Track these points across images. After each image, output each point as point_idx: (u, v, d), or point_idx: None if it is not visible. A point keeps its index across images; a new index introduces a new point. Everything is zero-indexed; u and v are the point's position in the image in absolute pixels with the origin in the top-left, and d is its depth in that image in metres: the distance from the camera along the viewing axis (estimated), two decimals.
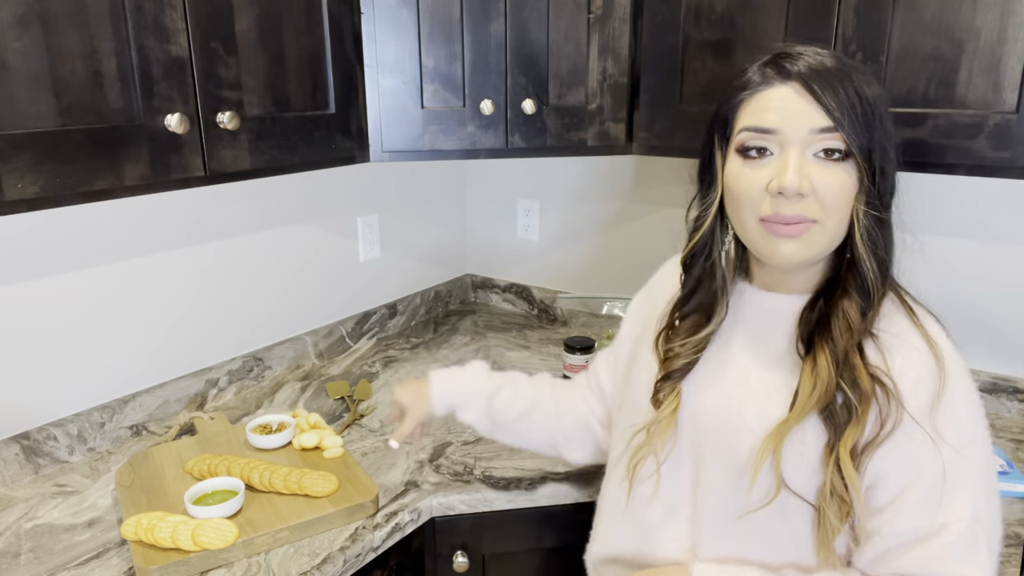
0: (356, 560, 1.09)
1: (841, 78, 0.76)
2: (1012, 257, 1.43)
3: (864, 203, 0.78)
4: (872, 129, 0.77)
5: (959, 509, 0.75)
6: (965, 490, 0.75)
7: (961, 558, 0.75)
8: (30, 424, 1.28)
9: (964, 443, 0.75)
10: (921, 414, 0.75)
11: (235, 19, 1.10)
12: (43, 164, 0.91)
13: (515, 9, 1.33)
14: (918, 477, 0.76)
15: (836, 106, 0.75)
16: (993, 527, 0.76)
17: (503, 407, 1.11)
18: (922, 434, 0.75)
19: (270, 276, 1.65)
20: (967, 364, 0.80)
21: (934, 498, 0.75)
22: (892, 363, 0.76)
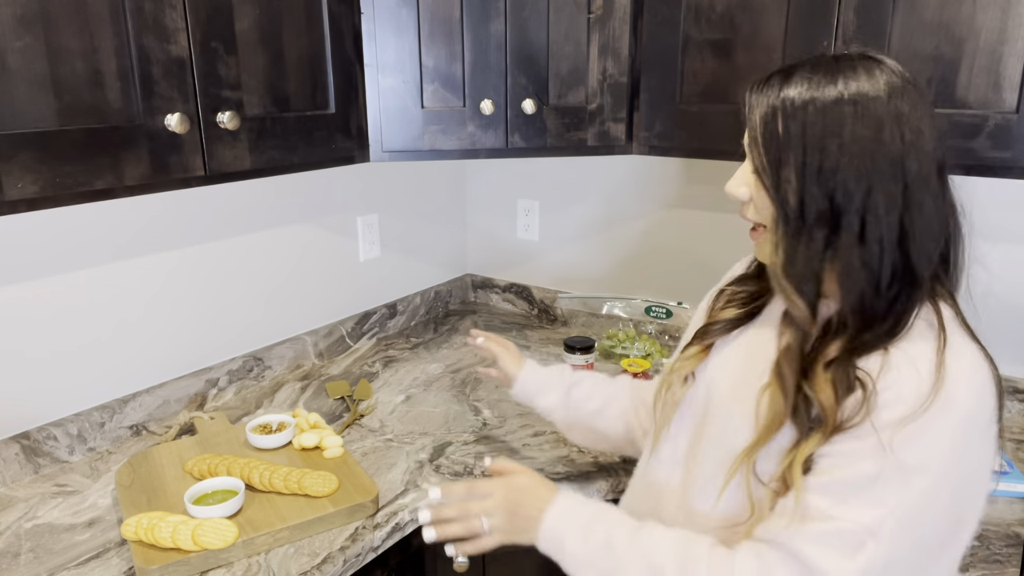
0: (356, 560, 1.09)
1: (791, 104, 0.76)
2: (1011, 257, 1.43)
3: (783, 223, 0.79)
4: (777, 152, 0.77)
5: (859, 513, 0.72)
6: (879, 504, 0.72)
7: (831, 551, 0.72)
8: (30, 424, 1.28)
9: (913, 468, 0.71)
10: (884, 425, 0.72)
11: (235, 19, 1.10)
12: (43, 164, 0.91)
13: (515, 9, 1.33)
14: (847, 467, 0.74)
15: (752, 125, 0.79)
16: (892, 554, 0.72)
17: (582, 397, 1.16)
18: (875, 441, 0.72)
19: (270, 276, 1.65)
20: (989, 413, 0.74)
21: (846, 492, 0.73)
22: (885, 376, 0.74)
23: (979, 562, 1.04)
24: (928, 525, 0.73)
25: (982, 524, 1.11)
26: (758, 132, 0.79)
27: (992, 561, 1.04)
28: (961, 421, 0.72)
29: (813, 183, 0.76)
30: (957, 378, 0.72)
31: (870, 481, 0.72)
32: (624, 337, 1.77)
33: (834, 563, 0.72)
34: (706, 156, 1.43)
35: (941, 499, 0.73)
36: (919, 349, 0.75)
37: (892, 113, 0.75)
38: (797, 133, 0.76)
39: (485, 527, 0.92)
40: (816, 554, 0.73)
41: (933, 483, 0.72)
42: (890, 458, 0.71)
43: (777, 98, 0.78)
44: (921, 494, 0.72)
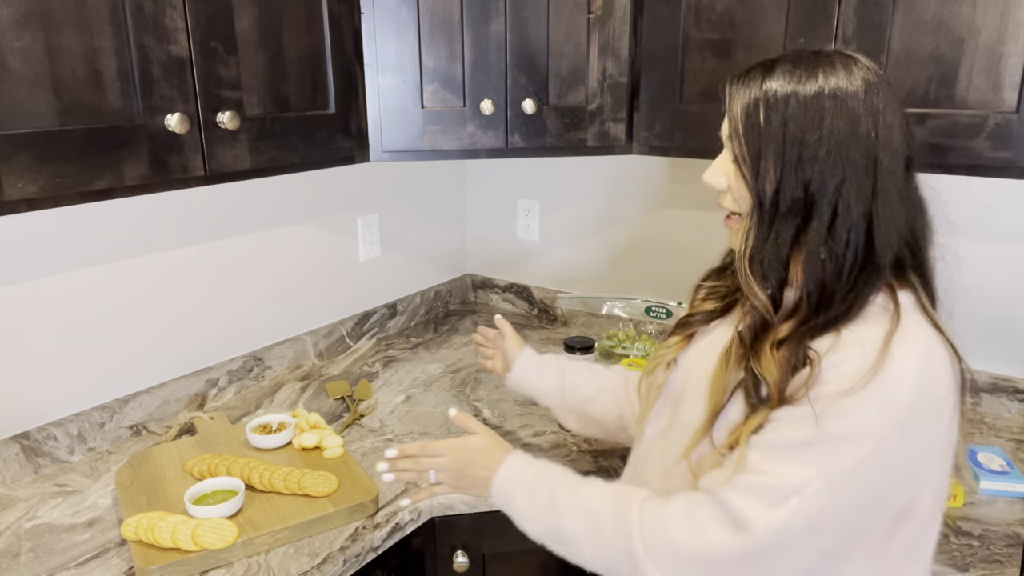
0: (356, 560, 1.09)
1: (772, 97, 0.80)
2: (1010, 257, 1.43)
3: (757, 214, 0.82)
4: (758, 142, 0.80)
5: (787, 471, 0.75)
6: (806, 467, 0.75)
7: (755, 501, 0.76)
8: (30, 424, 1.28)
9: (840, 436, 0.74)
10: (820, 397, 0.76)
11: (235, 19, 1.10)
12: (43, 164, 0.91)
13: (515, 9, 1.33)
14: (782, 430, 0.78)
15: (732, 116, 0.82)
16: (818, 514, 0.75)
17: (576, 383, 1.20)
18: (810, 409, 0.76)
19: (270, 276, 1.65)
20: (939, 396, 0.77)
21: (779, 453, 0.77)
22: (833, 355, 0.77)
23: (979, 562, 1.04)
24: (863, 495, 0.76)
25: (982, 524, 1.11)
26: (739, 123, 0.82)
27: (992, 561, 1.04)
28: (902, 400, 0.74)
29: (791, 173, 0.79)
30: (902, 360, 0.75)
31: (801, 445, 0.76)
32: (624, 337, 1.77)
33: (756, 512, 0.76)
34: (706, 156, 1.41)
35: (878, 472, 0.75)
36: (871, 332, 0.77)
37: (868, 109, 0.79)
38: (779, 124, 0.79)
39: (432, 478, 1.00)
40: (740, 502, 0.77)
41: (866, 455, 0.74)
42: (821, 426, 0.75)
43: (760, 90, 0.81)
44: (853, 463, 0.74)
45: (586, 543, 0.86)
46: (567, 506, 0.88)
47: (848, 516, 0.76)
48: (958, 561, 1.04)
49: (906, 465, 0.77)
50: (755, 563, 0.77)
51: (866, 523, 0.78)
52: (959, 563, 1.03)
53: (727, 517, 0.77)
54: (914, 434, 0.76)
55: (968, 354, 1.51)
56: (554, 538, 0.89)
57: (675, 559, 0.80)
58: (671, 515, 0.82)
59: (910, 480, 0.78)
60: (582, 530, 0.86)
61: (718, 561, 0.78)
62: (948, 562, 1.03)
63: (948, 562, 1.03)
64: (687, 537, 0.79)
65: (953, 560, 1.04)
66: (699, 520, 0.79)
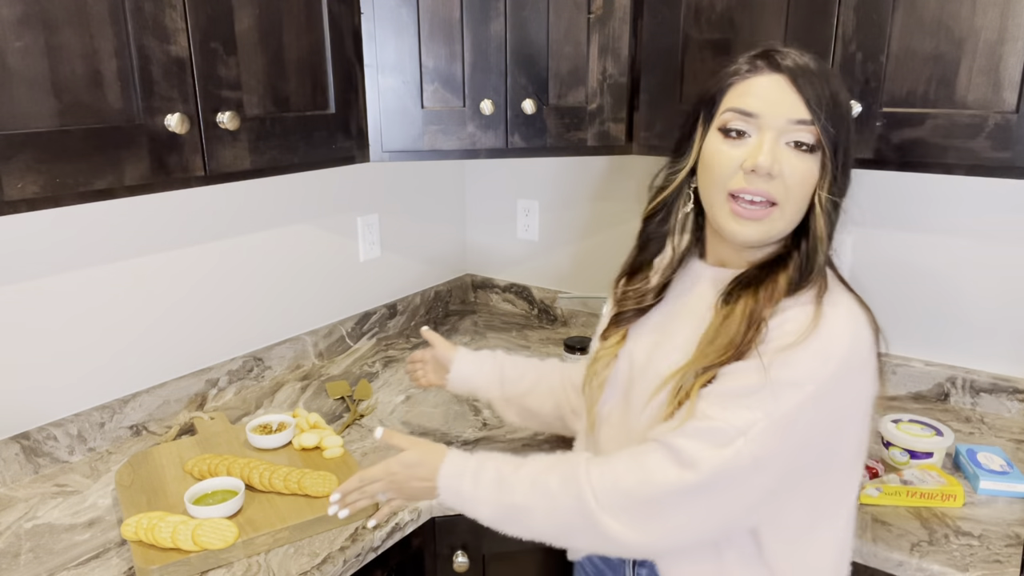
0: (356, 560, 1.09)
1: (822, 79, 0.85)
2: (1010, 257, 1.43)
3: (827, 191, 0.87)
4: (841, 128, 0.86)
5: (733, 416, 0.82)
6: (751, 410, 0.81)
7: (701, 442, 0.82)
8: (30, 424, 1.28)
9: (783, 383, 0.81)
10: (768, 351, 0.83)
11: (235, 19, 1.10)
12: (43, 164, 0.91)
13: (515, 9, 1.33)
14: (730, 380, 0.84)
15: (815, 102, 0.84)
16: (761, 453, 0.81)
17: (514, 377, 1.22)
18: (758, 361, 0.83)
19: (270, 276, 1.65)
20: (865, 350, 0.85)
21: (726, 400, 0.83)
22: (776, 316, 0.85)
23: (979, 562, 1.04)
24: (801, 436, 0.82)
25: (982, 524, 1.12)
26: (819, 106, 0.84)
27: (992, 561, 1.04)
28: (838, 352, 0.82)
29: (853, 148, 0.88)
30: (836, 318, 0.83)
31: (748, 391, 0.82)
32: None
33: (702, 452, 0.82)
34: None
35: (815, 416, 0.82)
36: (807, 296, 0.86)
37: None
38: (845, 108, 0.87)
39: (382, 499, 1.02)
40: (687, 444, 0.83)
41: (805, 399, 0.81)
42: (767, 375, 0.82)
43: (822, 75, 0.86)
44: (793, 407, 0.81)
45: (539, 511, 0.88)
46: (514, 481, 0.90)
47: (788, 456, 0.82)
48: (958, 561, 1.04)
49: (839, 410, 0.84)
50: (703, 498, 0.82)
51: (804, 463, 0.84)
52: (959, 563, 1.03)
53: (674, 458, 0.83)
54: (847, 382, 0.83)
55: (968, 354, 1.52)
56: (507, 515, 0.91)
57: (627, 504, 0.84)
58: (618, 465, 0.86)
59: (841, 424, 0.85)
60: (534, 499, 0.88)
61: (668, 499, 0.83)
62: (948, 562, 1.03)
63: (948, 562, 1.03)
64: (636, 481, 0.84)
65: (953, 560, 1.04)
66: (647, 464, 0.84)
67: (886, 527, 1.11)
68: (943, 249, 1.49)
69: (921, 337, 1.55)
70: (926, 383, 1.54)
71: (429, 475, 0.96)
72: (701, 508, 0.83)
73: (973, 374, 1.49)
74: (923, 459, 1.24)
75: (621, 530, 0.84)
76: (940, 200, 1.48)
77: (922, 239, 1.50)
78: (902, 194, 1.51)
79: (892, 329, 1.57)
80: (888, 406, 1.51)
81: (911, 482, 1.17)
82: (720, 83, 0.90)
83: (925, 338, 1.55)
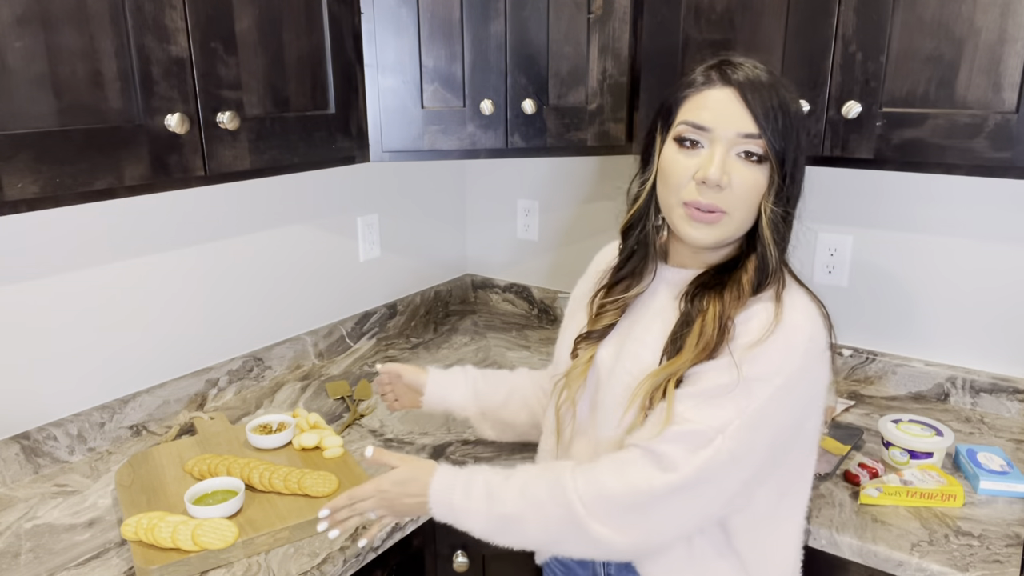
0: (356, 560, 1.09)
1: (771, 92, 0.89)
2: (1010, 257, 1.43)
3: (772, 201, 0.91)
4: (789, 140, 0.89)
5: (710, 416, 0.86)
6: (726, 409, 0.85)
7: (683, 445, 0.85)
8: (30, 424, 1.28)
9: (754, 378, 0.86)
10: (737, 348, 0.88)
11: (235, 19, 1.10)
12: (43, 164, 0.91)
13: (515, 9, 1.33)
14: (703, 380, 0.88)
15: (762, 116, 0.88)
16: (737, 447, 0.85)
17: (488, 391, 1.24)
18: (728, 360, 0.87)
19: (270, 276, 1.65)
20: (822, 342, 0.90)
21: (701, 401, 0.87)
22: (743, 313, 0.90)
23: (979, 562, 1.04)
24: (773, 427, 0.87)
25: (982, 524, 1.12)
26: (766, 119, 0.89)
27: (992, 561, 1.04)
28: (800, 345, 0.87)
29: (802, 158, 0.92)
30: (794, 313, 0.89)
31: (722, 390, 0.86)
32: None
33: (683, 455, 0.85)
34: None
35: (784, 406, 0.87)
36: (768, 295, 0.91)
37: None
38: (795, 119, 0.91)
39: (373, 516, 1.01)
40: (668, 448, 0.86)
41: (775, 392, 0.86)
42: (738, 373, 0.86)
43: (772, 87, 0.89)
44: (765, 400, 0.86)
45: (530, 521, 0.90)
46: (504, 493, 0.92)
47: (762, 447, 0.87)
48: (958, 561, 1.04)
49: (803, 397, 0.89)
50: (686, 498, 0.86)
51: (776, 452, 0.89)
52: (959, 563, 1.03)
53: (657, 463, 0.86)
54: (808, 371, 0.88)
55: (968, 354, 1.52)
56: (498, 527, 0.93)
57: (615, 510, 0.87)
58: (601, 473, 0.89)
59: (805, 411, 0.91)
60: (524, 509, 0.91)
61: (654, 502, 0.86)
62: (948, 562, 1.03)
63: (948, 562, 1.03)
64: (620, 487, 0.87)
65: (953, 560, 1.04)
66: (630, 470, 0.87)
67: (886, 527, 1.11)
68: (943, 249, 1.49)
69: (921, 337, 1.55)
70: (926, 383, 1.54)
71: (420, 491, 0.97)
72: (684, 507, 0.87)
73: (973, 374, 1.49)
74: (923, 459, 1.24)
75: (610, 535, 0.87)
76: (940, 200, 1.48)
77: (922, 239, 1.50)
78: (902, 194, 1.51)
79: (892, 329, 1.57)
80: (888, 406, 1.51)
81: (911, 482, 1.17)
82: (676, 94, 0.94)
83: (925, 338, 1.55)
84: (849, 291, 1.59)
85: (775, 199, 0.91)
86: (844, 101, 1.19)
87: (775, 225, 0.92)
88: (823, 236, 1.59)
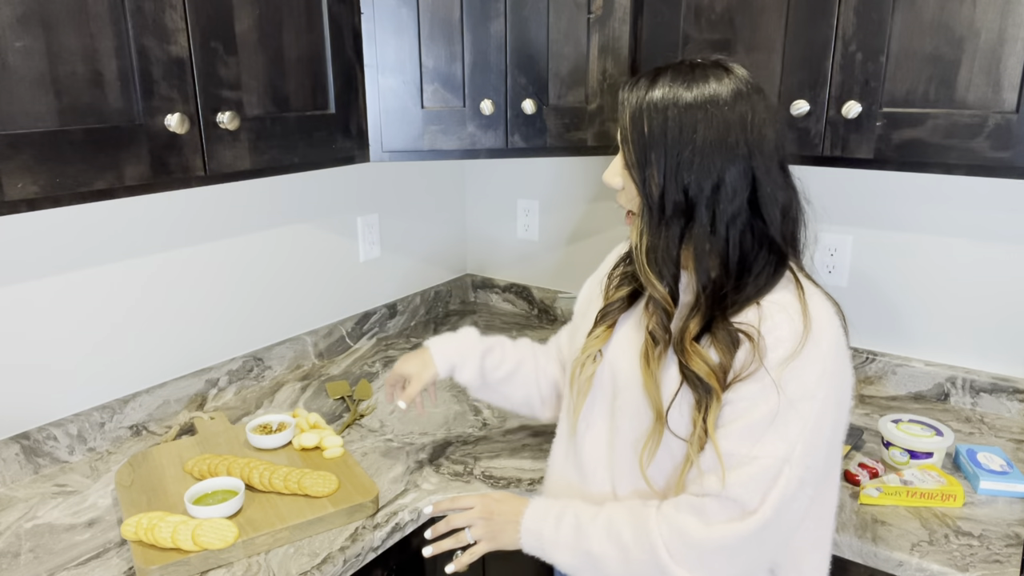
0: (356, 560, 1.09)
1: (653, 107, 0.87)
2: (1010, 257, 1.43)
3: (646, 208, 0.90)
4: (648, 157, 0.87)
5: (772, 448, 0.84)
6: (785, 436, 0.84)
7: (759, 487, 0.84)
8: (30, 424, 1.28)
9: (799, 397, 0.84)
10: (772, 365, 0.84)
11: (235, 19, 1.10)
12: (43, 164, 0.91)
13: (515, 9, 1.33)
14: (750, 411, 0.85)
15: (628, 124, 0.88)
16: (804, 471, 0.85)
17: (493, 366, 1.22)
18: (769, 380, 0.84)
19: (270, 276, 1.65)
20: (845, 341, 0.90)
21: (756, 433, 0.85)
22: (764, 323, 0.86)
23: (979, 562, 1.04)
24: (827, 438, 0.87)
25: (982, 524, 1.12)
26: (628, 130, 0.89)
27: (992, 561, 1.04)
28: (830, 351, 0.86)
29: (672, 179, 0.87)
30: (819, 316, 0.87)
31: (772, 417, 0.84)
32: None
33: (760, 495, 0.84)
34: None
35: (830, 415, 0.86)
36: (784, 297, 0.88)
37: (737, 118, 0.86)
38: (659, 133, 0.87)
39: (470, 538, 1.01)
40: (744, 493, 0.85)
41: (821, 405, 0.85)
42: (781, 396, 0.84)
43: (644, 99, 0.88)
44: (815, 416, 0.85)
45: (614, 561, 0.90)
46: (591, 530, 0.92)
47: (822, 460, 0.87)
48: (958, 561, 1.04)
49: (841, 401, 0.88)
50: (767, 533, 0.85)
51: (830, 461, 0.91)
52: (959, 563, 1.03)
53: (737, 510, 0.85)
54: (841, 375, 0.88)
55: (968, 354, 1.52)
56: (583, 562, 0.93)
57: (699, 555, 0.87)
58: (685, 521, 0.88)
59: (843, 410, 0.90)
60: (609, 549, 0.91)
61: (738, 545, 0.86)
62: (948, 562, 1.03)
63: (948, 562, 1.03)
64: (704, 535, 0.86)
65: (953, 560, 1.04)
66: (712, 519, 0.86)
67: (886, 527, 1.11)
68: (943, 249, 1.49)
69: (921, 337, 1.55)
70: (926, 383, 1.54)
71: (516, 509, 0.99)
72: (768, 542, 0.87)
73: (973, 374, 1.49)
74: (923, 459, 1.24)
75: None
76: (940, 200, 1.47)
77: (922, 239, 1.50)
78: (902, 194, 1.51)
79: (892, 329, 1.57)
80: (888, 406, 1.51)
81: (911, 482, 1.17)
82: None
83: (925, 338, 1.55)
84: (849, 291, 1.59)
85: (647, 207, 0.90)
86: (844, 101, 1.18)
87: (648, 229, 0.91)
88: (823, 236, 1.59)
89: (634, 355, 0.97)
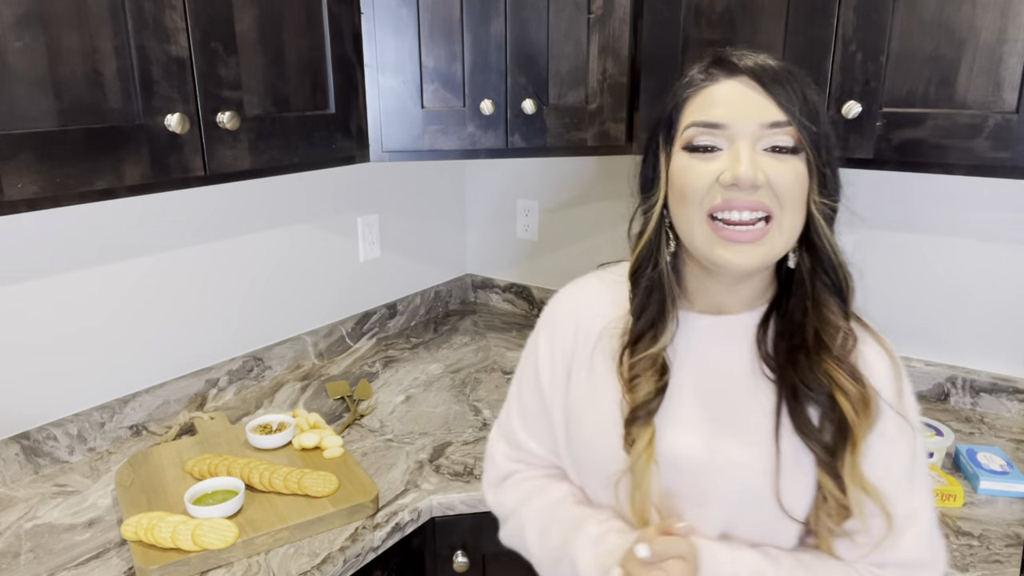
0: (356, 560, 1.09)
1: (786, 75, 0.75)
2: (1010, 256, 1.43)
3: (819, 194, 0.76)
4: (819, 124, 0.75)
5: (924, 494, 0.81)
6: (923, 473, 0.81)
7: (928, 542, 0.81)
8: (30, 424, 1.28)
9: (919, 431, 0.82)
10: (892, 401, 0.79)
11: (235, 19, 1.10)
12: (43, 164, 0.91)
13: (515, 9, 1.33)
14: (892, 465, 0.79)
15: (787, 100, 0.73)
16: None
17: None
18: (893, 423, 0.78)
19: (270, 276, 1.65)
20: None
21: (905, 483, 0.79)
22: (861, 359, 0.78)
23: (979, 562, 1.04)
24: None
25: (982, 524, 1.12)
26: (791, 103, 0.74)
27: (992, 561, 1.04)
28: (904, 369, 0.83)
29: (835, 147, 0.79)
30: (888, 343, 0.83)
31: (912, 462, 0.79)
32: None
33: (935, 551, 0.82)
34: None
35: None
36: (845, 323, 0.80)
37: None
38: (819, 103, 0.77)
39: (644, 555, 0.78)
40: (923, 555, 0.81)
41: (921, 429, 0.83)
42: (911, 429, 0.79)
43: (785, 69, 0.76)
44: (923, 443, 0.82)
45: None
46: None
47: None
48: (958, 561, 1.04)
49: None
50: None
51: None
52: (959, 563, 1.03)
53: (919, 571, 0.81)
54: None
55: (968, 354, 1.52)
56: None
57: None
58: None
59: None
60: None
61: None
62: (948, 562, 1.03)
63: (948, 562, 1.03)
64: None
65: (953, 560, 1.04)
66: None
67: None
68: (943, 249, 1.49)
69: (921, 337, 1.55)
70: (926, 383, 1.54)
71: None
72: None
73: (973, 374, 1.49)
74: None
75: None
76: (940, 200, 1.47)
77: (922, 239, 1.50)
78: (902, 194, 1.51)
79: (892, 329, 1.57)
80: None
81: None
82: (675, 99, 0.79)
83: (925, 338, 1.55)
84: None
85: (821, 191, 0.76)
86: (844, 101, 1.18)
87: (829, 222, 0.78)
88: None
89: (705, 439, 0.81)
